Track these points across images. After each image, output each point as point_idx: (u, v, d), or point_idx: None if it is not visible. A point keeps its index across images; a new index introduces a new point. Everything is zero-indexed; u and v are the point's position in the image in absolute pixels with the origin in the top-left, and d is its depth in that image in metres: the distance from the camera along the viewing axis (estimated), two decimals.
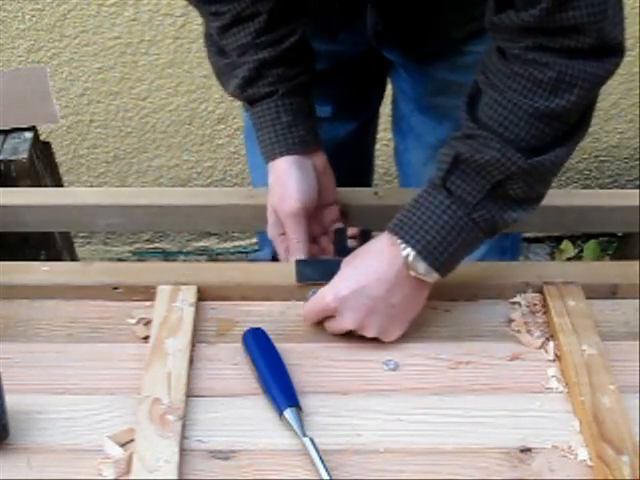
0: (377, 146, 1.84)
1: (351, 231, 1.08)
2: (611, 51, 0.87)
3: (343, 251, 1.04)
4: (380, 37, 1.19)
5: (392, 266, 0.91)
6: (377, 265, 0.92)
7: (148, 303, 0.98)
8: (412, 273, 0.91)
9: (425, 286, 0.93)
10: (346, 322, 0.93)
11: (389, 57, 1.26)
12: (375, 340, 0.95)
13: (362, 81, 1.32)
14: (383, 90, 1.38)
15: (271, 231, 1.09)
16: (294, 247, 1.06)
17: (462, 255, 0.92)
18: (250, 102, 1.09)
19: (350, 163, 1.41)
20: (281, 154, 1.06)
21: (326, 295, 0.93)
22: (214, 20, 1.07)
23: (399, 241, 0.91)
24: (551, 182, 0.94)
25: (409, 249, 0.90)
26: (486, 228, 0.91)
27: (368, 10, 1.15)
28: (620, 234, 2.19)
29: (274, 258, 1.17)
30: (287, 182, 1.05)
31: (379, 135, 1.49)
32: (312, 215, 1.07)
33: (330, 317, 0.94)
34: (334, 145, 1.36)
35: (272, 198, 1.07)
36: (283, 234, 1.08)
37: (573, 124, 0.91)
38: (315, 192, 1.07)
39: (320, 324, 0.97)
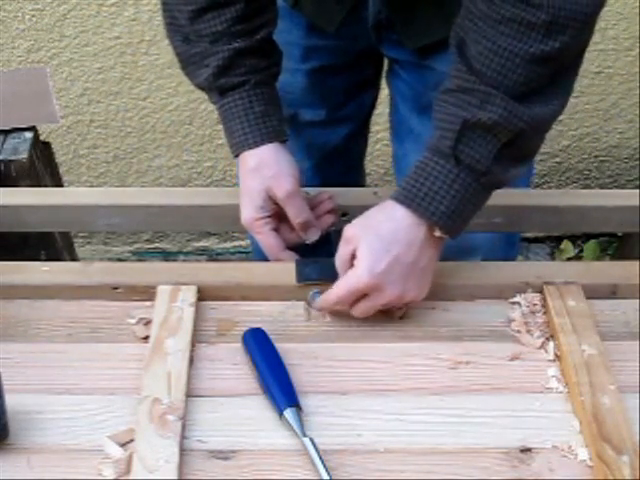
0: (377, 146, 1.84)
1: None
2: None
3: None
4: (381, 29, 1.18)
5: (419, 231, 0.93)
6: (403, 232, 0.92)
7: (148, 303, 0.98)
8: (436, 234, 0.93)
9: (441, 242, 0.96)
10: (387, 295, 0.92)
11: (387, 54, 1.25)
12: (375, 339, 0.95)
13: (356, 82, 1.32)
14: (376, 95, 1.38)
15: (254, 215, 1.04)
16: (305, 230, 1.04)
17: (472, 216, 0.95)
18: (220, 92, 1.06)
19: (341, 169, 1.41)
20: (255, 144, 1.04)
21: (361, 275, 0.91)
22: (187, 3, 1.03)
23: (415, 214, 0.92)
24: (545, 136, 0.96)
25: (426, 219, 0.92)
26: (492, 188, 0.95)
27: None
28: (620, 234, 2.19)
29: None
30: (280, 162, 1.03)
31: (379, 135, 1.49)
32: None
33: (360, 299, 0.93)
34: (326, 151, 1.36)
35: (261, 180, 1.03)
36: (266, 217, 1.04)
37: (568, 66, 0.92)
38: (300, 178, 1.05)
39: (317, 324, 0.97)
